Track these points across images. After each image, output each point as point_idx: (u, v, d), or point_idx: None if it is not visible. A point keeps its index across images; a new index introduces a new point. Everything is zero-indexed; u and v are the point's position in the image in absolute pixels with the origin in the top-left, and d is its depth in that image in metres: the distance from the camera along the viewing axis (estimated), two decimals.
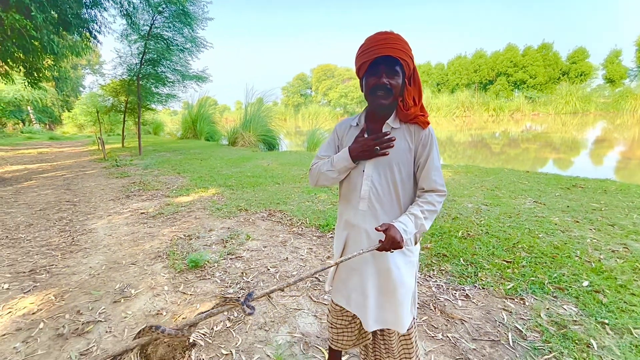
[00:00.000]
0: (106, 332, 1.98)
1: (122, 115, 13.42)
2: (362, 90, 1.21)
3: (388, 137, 1.12)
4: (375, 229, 1.09)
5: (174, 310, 2.19)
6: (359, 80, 1.23)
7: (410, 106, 1.15)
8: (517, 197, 4.51)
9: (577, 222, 3.48)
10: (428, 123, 1.16)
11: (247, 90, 15.23)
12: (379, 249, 1.10)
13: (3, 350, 1.85)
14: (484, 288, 2.31)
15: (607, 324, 1.86)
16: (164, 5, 9.45)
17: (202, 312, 1.12)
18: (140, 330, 1.09)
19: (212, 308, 1.21)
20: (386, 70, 1.09)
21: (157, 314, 2.15)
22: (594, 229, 3.26)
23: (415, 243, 1.26)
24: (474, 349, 1.76)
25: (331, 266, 1.19)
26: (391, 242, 1.06)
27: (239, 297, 1.15)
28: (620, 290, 2.18)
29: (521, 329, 1.88)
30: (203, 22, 10.59)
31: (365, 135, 1.21)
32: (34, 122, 31.01)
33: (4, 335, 1.98)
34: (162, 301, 2.30)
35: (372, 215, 1.20)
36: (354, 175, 1.22)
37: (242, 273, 2.66)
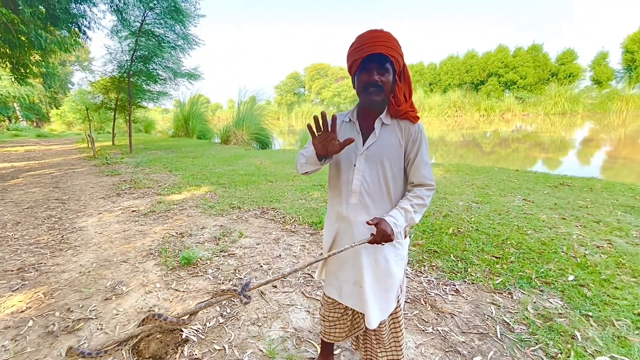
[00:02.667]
0: (97, 329, 1.97)
1: (113, 113, 13.23)
2: (354, 88, 1.23)
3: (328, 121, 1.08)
4: (367, 222, 1.11)
5: (166, 307, 2.18)
6: (351, 77, 1.25)
7: (402, 102, 1.18)
8: (506, 195, 4.60)
9: (564, 219, 3.56)
10: (418, 118, 1.19)
11: (240, 89, 15.27)
12: (370, 242, 1.13)
13: None
14: (473, 283, 2.36)
15: (591, 317, 1.92)
16: (155, 2, 9.33)
17: (202, 301, 1.13)
18: (143, 318, 1.10)
19: (211, 297, 1.22)
20: (377, 68, 1.11)
21: (149, 310, 2.14)
22: (580, 226, 3.35)
23: (405, 236, 1.29)
24: (463, 341, 1.79)
25: (324, 258, 1.21)
26: (382, 235, 1.09)
27: (236, 287, 1.17)
28: (604, 284, 2.25)
29: (509, 322, 1.93)
30: (195, 19, 10.48)
31: (358, 129, 1.23)
32: (20, 119, 30.33)
33: None
34: (154, 298, 2.29)
35: (363, 209, 1.22)
36: (345, 169, 1.24)
37: (235, 270, 2.66)
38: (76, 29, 8.64)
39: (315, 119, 1.07)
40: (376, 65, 1.11)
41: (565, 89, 29.84)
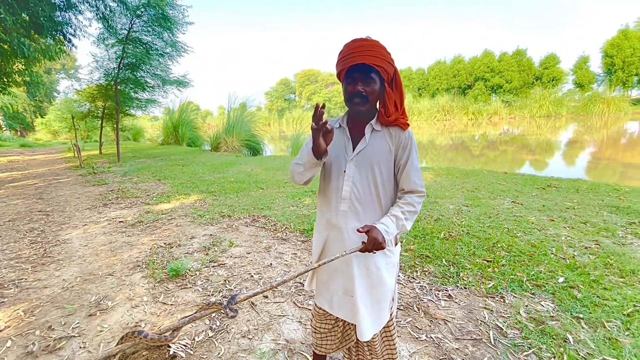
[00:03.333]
0: (80, 347, 1.89)
1: (100, 121, 12.99)
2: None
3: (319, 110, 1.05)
4: (357, 230, 1.09)
5: (154, 321, 2.11)
6: (341, 85, 1.24)
7: (391, 113, 1.16)
8: (496, 197, 4.65)
9: (552, 220, 3.61)
10: (408, 125, 1.19)
11: (230, 95, 15.12)
12: (361, 250, 1.11)
13: None
14: (465, 288, 2.35)
15: (582, 319, 1.93)
16: (142, 9, 9.26)
17: (185, 316, 1.09)
18: (122, 336, 1.05)
19: (195, 312, 1.18)
20: (361, 78, 1.11)
21: (136, 326, 2.07)
22: (568, 227, 3.40)
23: (396, 244, 1.27)
24: (457, 348, 1.78)
25: (314, 268, 1.18)
26: (373, 243, 1.07)
27: (221, 301, 1.13)
28: (593, 286, 2.27)
29: (502, 326, 1.92)
30: (183, 27, 10.44)
31: (348, 135, 1.22)
32: (3, 129, 29.58)
33: None
34: (140, 312, 2.21)
35: (354, 216, 1.20)
36: (335, 175, 1.23)
37: (225, 281, 2.60)
38: (61, 37, 8.49)
39: (316, 108, 1.03)
40: (360, 75, 1.11)
41: (550, 93, 30.66)
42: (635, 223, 3.43)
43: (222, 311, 1.09)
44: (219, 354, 1.80)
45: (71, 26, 8.58)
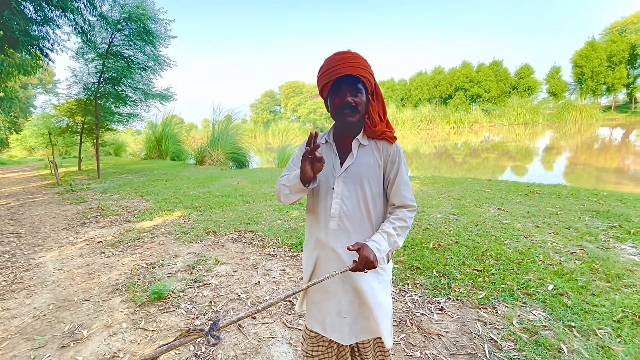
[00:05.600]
0: None
1: (79, 137, 12.58)
2: (327, 111, 1.20)
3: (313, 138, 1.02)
4: (347, 248, 1.05)
5: (133, 350, 1.98)
6: (323, 101, 1.22)
7: (377, 122, 1.15)
8: (481, 205, 4.71)
9: (537, 226, 3.66)
10: (395, 138, 1.17)
11: (214, 108, 14.97)
12: (352, 270, 1.06)
13: None
14: (457, 299, 2.33)
15: (574, 327, 1.92)
16: (123, 23, 9.14)
17: (163, 345, 1.00)
18: None
19: (174, 340, 1.08)
20: (349, 89, 1.09)
21: (114, 356, 1.93)
22: (553, 233, 3.45)
23: (388, 261, 1.23)
24: None
25: (303, 289, 1.12)
26: (365, 262, 1.02)
27: (203, 327, 1.05)
28: (581, 292, 2.28)
29: (496, 339, 1.89)
30: (166, 40, 10.35)
31: (335, 151, 1.19)
32: None
33: None
34: (119, 341, 2.07)
35: (344, 234, 1.16)
36: (323, 193, 1.18)
37: (211, 302, 2.49)
38: (37, 51, 8.25)
39: (310, 136, 1.00)
40: (348, 86, 1.09)
41: (526, 101, 32.03)
42: (615, 227, 3.52)
43: (203, 338, 1.00)
44: None
45: (48, 40, 8.34)
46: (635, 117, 28.71)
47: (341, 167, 1.16)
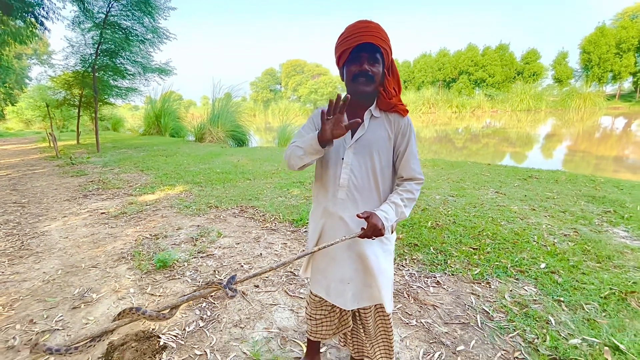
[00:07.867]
0: (65, 340, 1.83)
1: (77, 110, 12.42)
2: (342, 79, 1.21)
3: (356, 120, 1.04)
4: (357, 215, 1.09)
5: None
6: (339, 69, 1.22)
7: (393, 95, 1.16)
8: (480, 188, 4.77)
9: (534, 209, 3.74)
10: (407, 111, 1.18)
11: (214, 85, 14.72)
12: (360, 236, 1.11)
13: None
14: (453, 274, 2.42)
15: (563, 302, 2.02)
16: None
17: (185, 295, 1.07)
18: (120, 312, 1.02)
19: (194, 291, 1.15)
20: (368, 58, 1.09)
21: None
22: (548, 216, 3.53)
23: (392, 232, 1.28)
24: (446, 332, 1.83)
25: (313, 252, 1.17)
26: (373, 230, 1.07)
27: (221, 281, 1.11)
28: (572, 271, 2.37)
29: (488, 310, 1.99)
30: (165, 12, 10.02)
31: (345, 119, 1.20)
32: None
33: None
34: (127, 304, 2.16)
35: (352, 204, 1.19)
36: (332, 163, 1.21)
37: (215, 271, 2.57)
38: (32, 19, 8.01)
39: (331, 102, 1.00)
40: (366, 55, 1.09)
41: (530, 87, 31.55)
42: (610, 212, 3.60)
43: (221, 290, 1.07)
44: (210, 343, 1.78)
45: (43, 8, 8.10)
46: (638, 107, 28.49)
47: (352, 137, 1.18)
